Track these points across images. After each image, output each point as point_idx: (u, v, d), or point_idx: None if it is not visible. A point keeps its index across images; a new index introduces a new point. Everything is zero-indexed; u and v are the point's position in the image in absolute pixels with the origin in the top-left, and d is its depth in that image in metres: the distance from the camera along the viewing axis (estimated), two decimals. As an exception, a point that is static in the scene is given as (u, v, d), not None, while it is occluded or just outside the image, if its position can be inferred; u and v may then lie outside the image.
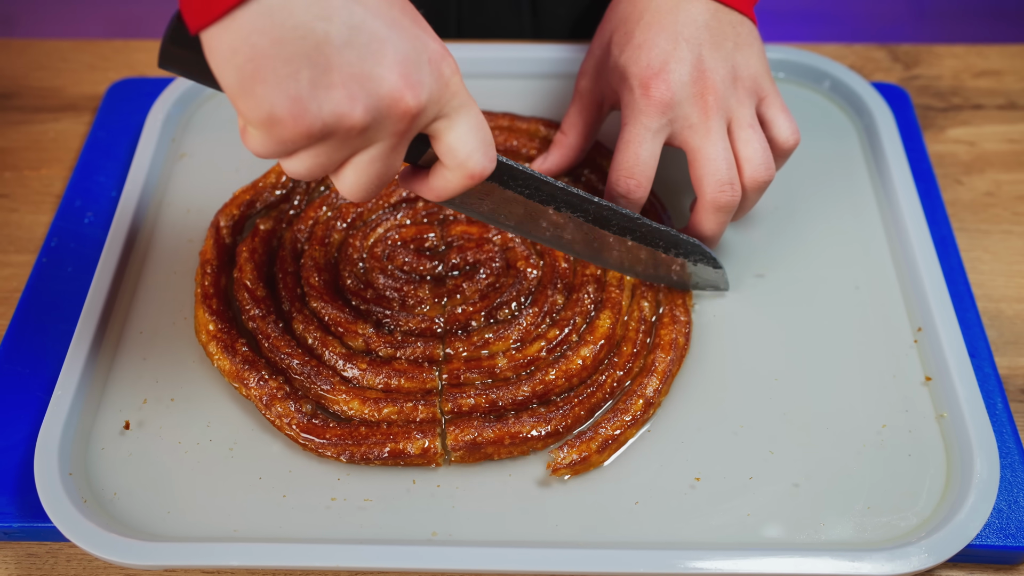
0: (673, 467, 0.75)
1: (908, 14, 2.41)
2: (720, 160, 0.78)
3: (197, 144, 0.98)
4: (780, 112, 0.82)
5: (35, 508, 0.73)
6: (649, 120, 0.78)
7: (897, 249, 0.88)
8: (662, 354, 0.79)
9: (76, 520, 0.70)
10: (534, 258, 0.85)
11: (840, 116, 1.00)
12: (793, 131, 0.82)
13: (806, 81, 1.03)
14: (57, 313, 0.85)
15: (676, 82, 0.78)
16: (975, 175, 0.99)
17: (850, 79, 1.01)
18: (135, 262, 0.87)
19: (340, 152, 0.59)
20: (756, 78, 0.80)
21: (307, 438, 0.74)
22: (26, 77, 1.08)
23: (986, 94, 1.07)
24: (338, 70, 0.56)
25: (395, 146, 0.61)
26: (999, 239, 0.94)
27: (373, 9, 0.57)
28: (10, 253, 0.92)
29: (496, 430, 0.74)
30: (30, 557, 0.74)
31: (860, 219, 0.91)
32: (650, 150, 0.79)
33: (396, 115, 0.58)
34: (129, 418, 0.77)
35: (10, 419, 0.78)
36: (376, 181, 0.62)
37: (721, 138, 0.78)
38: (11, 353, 0.82)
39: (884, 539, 0.71)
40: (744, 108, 0.80)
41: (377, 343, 0.79)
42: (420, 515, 0.73)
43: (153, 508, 0.73)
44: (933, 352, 0.80)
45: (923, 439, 0.77)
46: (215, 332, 0.79)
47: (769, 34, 0.94)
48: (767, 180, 0.80)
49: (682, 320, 0.82)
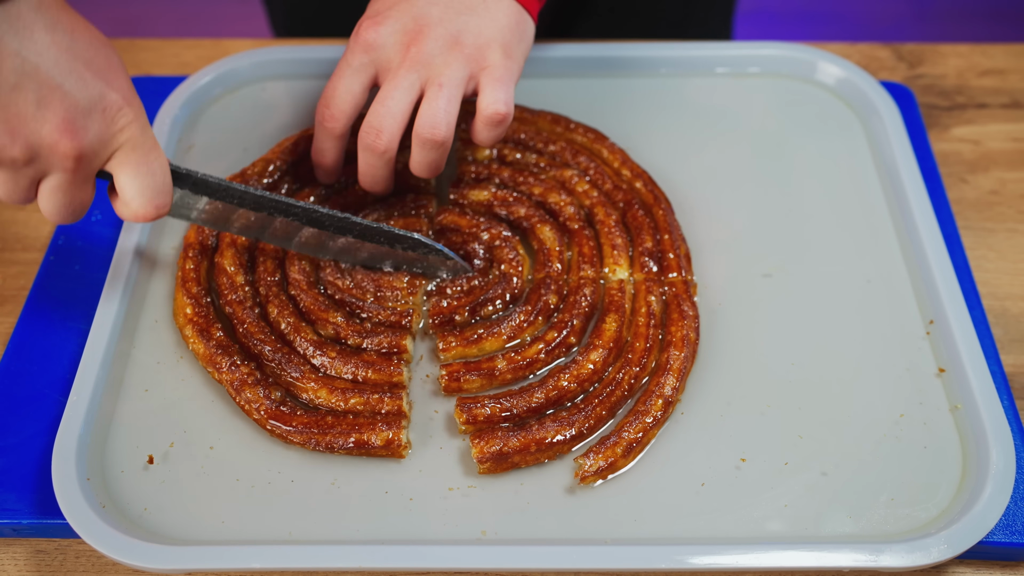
0: (697, 460, 0.75)
1: (911, 14, 2.41)
2: (385, 106, 0.80)
3: (204, 139, 0.98)
4: (494, 83, 0.81)
5: (49, 505, 0.73)
6: (352, 56, 0.82)
7: (907, 242, 0.88)
8: (676, 351, 0.79)
9: (95, 524, 0.69)
10: (518, 259, 0.85)
11: (846, 113, 1.01)
12: (496, 100, 0.81)
13: (812, 78, 1.04)
14: (65, 311, 0.85)
15: (387, 28, 0.81)
16: (980, 174, 0.99)
17: (856, 76, 1.01)
18: (146, 262, 0.87)
19: (18, 179, 0.68)
20: (481, 47, 0.81)
21: (274, 424, 0.75)
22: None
23: (990, 93, 1.07)
24: (3, 109, 0.64)
25: (73, 181, 0.69)
26: (1004, 237, 0.94)
27: (49, 60, 0.65)
28: (17, 251, 0.92)
29: (521, 438, 0.74)
30: (39, 554, 0.73)
31: (868, 214, 0.92)
32: (348, 85, 0.82)
33: (58, 155, 0.67)
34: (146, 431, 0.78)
35: (18, 416, 0.78)
36: (66, 208, 0.71)
37: (402, 88, 0.80)
38: (19, 351, 0.82)
39: (903, 531, 0.71)
40: (448, 69, 0.80)
41: (346, 332, 0.80)
42: (449, 518, 0.72)
43: (174, 513, 0.72)
44: (946, 344, 0.81)
45: (938, 431, 0.77)
46: (191, 316, 0.81)
47: (772, 33, 0.95)
48: (428, 138, 0.80)
49: (690, 315, 0.82)
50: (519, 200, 0.89)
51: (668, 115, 1.00)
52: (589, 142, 0.95)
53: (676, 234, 0.87)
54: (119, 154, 0.70)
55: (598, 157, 0.94)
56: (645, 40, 1.06)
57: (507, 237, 0.87)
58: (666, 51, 1.04)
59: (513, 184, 0.91)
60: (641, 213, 0.88)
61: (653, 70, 1.04)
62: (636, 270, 0.85)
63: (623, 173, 0.93)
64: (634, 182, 0.92)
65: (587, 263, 0.85)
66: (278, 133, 0.98)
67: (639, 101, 1.01)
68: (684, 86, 1.03)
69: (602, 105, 1.00)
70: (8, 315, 0.87)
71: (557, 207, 0.89)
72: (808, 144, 0.97)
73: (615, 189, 0.91)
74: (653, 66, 1.04)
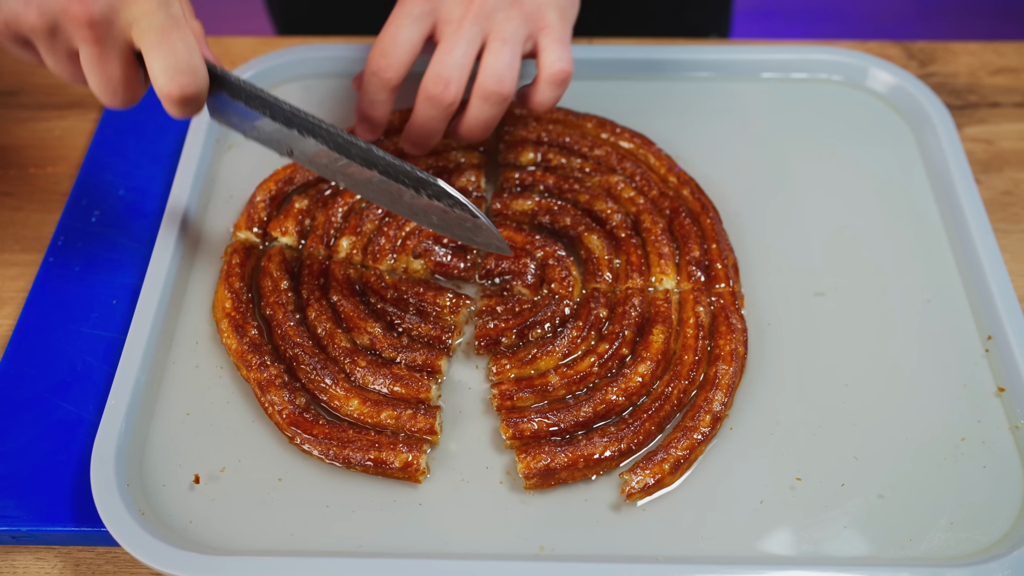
0: (749, 478, 0.73)
1: (916, 11, 2.40)
2: (452, 56, 0.79)
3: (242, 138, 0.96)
4: (554, 43, 0.81)
5: (49, 512, 0.72)
6: (411, 5, 0.80)
7: (962, 257, 0.86)
8: (724, 366, 0.77)
9: (137, 533, 0.68)
10: (570, 280, 0.83)
11: (897, 121, 0.98)
12: (559, 59, 0.81)
13: (861, 84, 1.01)
14: (64, 313, 0.83)
15: None
16: (993, 174, 0.98)
17: (909, 83, 0.99)
18: (185, 262, 0.86)
19: (55, 53, 0.69)
20: (541, 7, 0.81)
21: (293, 430, 0.73)
22: (31, 74, 1.06)
23: (1003, 92, 1.05)
24: None
25: (99, 53, 0.68)
26: (1018, 238, 0.92)
27: None
28: (16, 252, 0.91)
29: (569, 454, 0.72)
30: (38, 562, 0.72)
31: (921, 227, 0.89)
32: (408, 34, 0.80)
33: (72, 22, 0.66)
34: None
35: (17, 419, 0.76)
36: (103, 86, 0.70)
37: (467, 40, 0.79)
38: (18, 353, 0.81)
39: (964, 555, 0.69)
40: (509, 24, 0.80)
41: (382, 343, 0.78)
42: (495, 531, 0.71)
43: (218, 525, 0.71)
44: (1005, 361, 0.79)
45: (998, 451, 0.75)
46: (229, 311, 0.80)
47: (775, 31, 0.94)
48: (496, 91, 0.80)
49: (739, 328, 0.80)
50: (564, 209, 0.87)
51: (713, 120, 0.98)
52: (635, 147, 0.93)
53: (724, 244, 0.85)
54: (137, 29, 0.69)
55: (644, 163, 0.92)
56: (640, 34, 1.05)
57: (561, 257, 0.84)
58: (710, 54, 1.01)
59: (558, 192, 0.89)
60: (688, 221, 0.86)
61: (696, 73, 1.02)
62: (683, 279, 0.83)
63: (669, 180, 0.91)
64: (681, 189, 0.90)
65: (635, 272, 0.83)
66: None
67: (683, 105, 0.99)
68: (729, 90, 1.01)
69: (646, 108, 0.98)
70: (7, 317, 0.85)
71: (604, 215, 0.87)
72: (858, 153, 0.95)
73: (661, 196, 0.89)
74: (696, 69, 1.02)
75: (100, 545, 0.73)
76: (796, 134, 0.97)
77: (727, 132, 0.97)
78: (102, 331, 0.82)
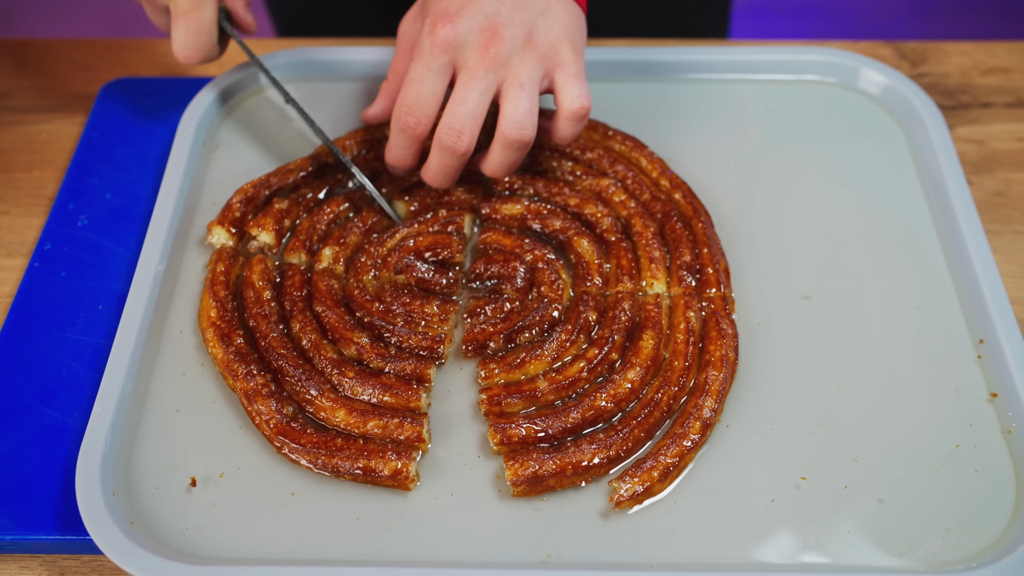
0: (743, 483, 0.73)
1: (909, 10, 2.39)
2: (465, 107, 0.79)
3: (230, 138, 0.96)
4: (570, 79, 0.82)
5: (33, 520, 0.71)
6: (432, 59, 0.80)
7: (954, 260, 0.86)
8: (714, 372, 0.76)
9: (122, 542, 0.67)
10: (559, 284, 0.82)
11: (888, 122, 0.98)
12: (578, 96, 0.82)
13: (852, 85, 1.01)
14: (50, 319, 0.83)
15: (464, 27, 0.79)
16: (984, 175, 0.97)
17: (901, 84, 0.98)
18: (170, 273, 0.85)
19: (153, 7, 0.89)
20: (553, 45, 0.81)
21: (282, 440, 0.73)
22: (18, 76, 1.05)
23: (995, 92, 1.05)
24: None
25: (150, 11, 0.88)
26: (1010, 240, 0.92)
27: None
28: (1, 257, 0.90)
29: (557, 461, 0.71)
30: (23, 570, 0.73)
31: (912, 230, 0.89)
32: (431, 88, 0.81)
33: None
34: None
35: (1, 426, 0.76)
36: (179, 41, 0.87)
37: (480, 89, 0.79)
38: (2, 359, 0.80)
39: (957, 560, 0.69)
40: (525, 68, 0.80)
41: (369, 354, 0.77)
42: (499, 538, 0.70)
43: (208, 532, 0.70)
44: (997, 365, 0.78)
45: (990, 455, 0.74)
46: (215, 319, 0.79)
47: (767, 30, 0.93)
48: (517, 139, 0.80)
49: (729, 333, 0.79)
50: (554, 213, 0.87)
51: (705, 121, 0.97)
52: (627, 150, 0.92)
53: (715, 248, 0.84)
54: (172, 3, 0.85)
55: (636, 166, 0.91)
56: (639, 35, 1.04)
57: (551, 260, 0.84)
58: (701, 55, 1.01)
59: (547, 195, 0.89)
60: (680, 226, 0.86)
61: (687, 74, 1.01)
62: (674, 284, 0.83)
63: (662, 183, 0.90)
64: (673, 193, 0.89)
65: (626, 275, 0.83)
66: (304, 133, 0.96)
67: (675, 106, 0.99)
68: (720, 92, 1.00)
69: (638, 110, 0.98)
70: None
71: (594, 219, 0.86)
72: (850, 155, 0.94)
73: (653, 200, 0.88)
74: (687, 70, 1.01)
75: (85, 553, 0.73)
76: (788, 135, 0.97)
77: (719, 133, 0.97)
78: (88, 337, 0.82)
